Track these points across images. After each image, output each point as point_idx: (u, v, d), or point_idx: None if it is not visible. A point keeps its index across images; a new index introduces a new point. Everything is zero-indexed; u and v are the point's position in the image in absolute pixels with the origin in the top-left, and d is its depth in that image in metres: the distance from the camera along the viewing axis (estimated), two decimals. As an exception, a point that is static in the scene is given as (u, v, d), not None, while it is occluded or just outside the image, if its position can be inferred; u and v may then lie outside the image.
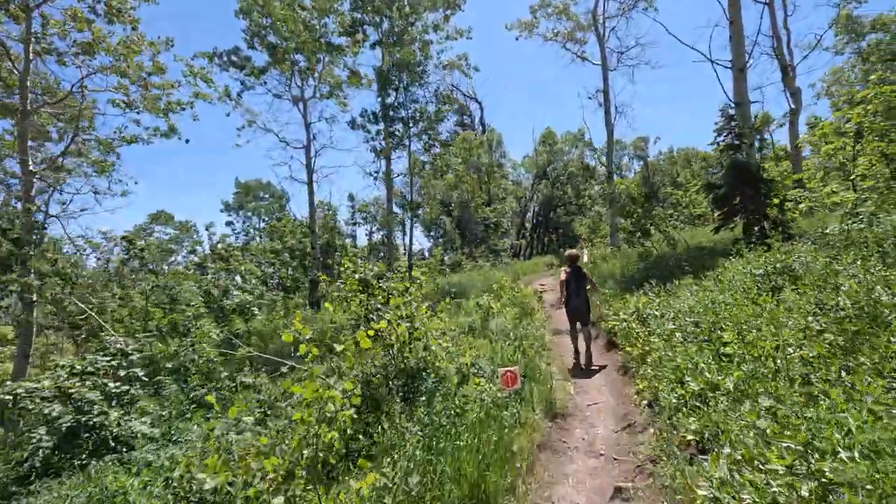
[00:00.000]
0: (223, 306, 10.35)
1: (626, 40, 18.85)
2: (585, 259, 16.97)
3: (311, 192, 18.58)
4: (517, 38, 20.54)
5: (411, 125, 13.54)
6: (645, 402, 5.35)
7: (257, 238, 42.41)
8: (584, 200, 32.75)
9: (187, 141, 13.73)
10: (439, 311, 7.01)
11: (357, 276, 5.24)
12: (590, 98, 18.83)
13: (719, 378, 4.28)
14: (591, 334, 7.37)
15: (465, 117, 47.29)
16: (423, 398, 4.70)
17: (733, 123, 10.00)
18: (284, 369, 5.83)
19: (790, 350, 3.97)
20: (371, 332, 3.31)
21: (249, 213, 46.92)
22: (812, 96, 24.61)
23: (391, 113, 13.50)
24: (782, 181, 10.18)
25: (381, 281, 5.44)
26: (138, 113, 12.94)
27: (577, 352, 7.37)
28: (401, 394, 4.94)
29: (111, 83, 12.38)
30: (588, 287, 7.36)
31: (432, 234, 43.19)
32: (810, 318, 4.64)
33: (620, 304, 8.40)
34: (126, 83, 12.37)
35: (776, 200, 9.67)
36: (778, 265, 6.81)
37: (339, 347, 3.08)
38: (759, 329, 4.83)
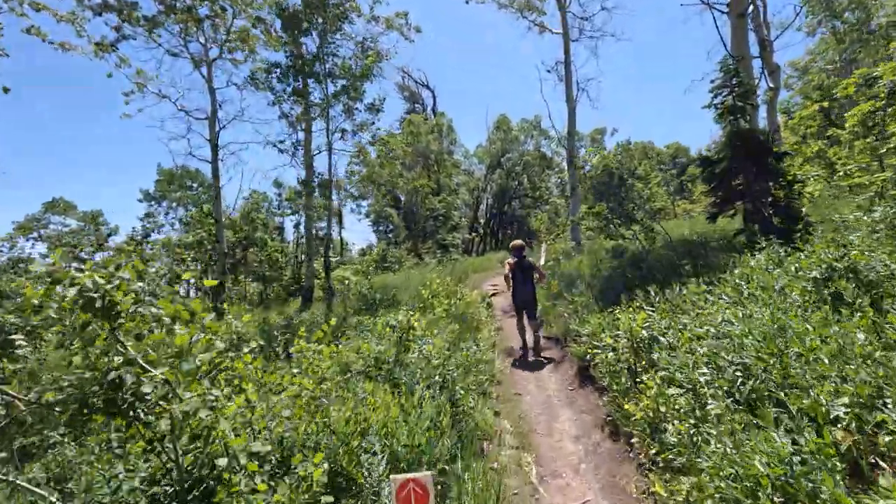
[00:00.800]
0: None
1: (591, 6, 16.64)
2: (542, 261, 14.57)
3: (215, 172, 15.11)
4: (467, 2, 17.92)
5: (328, 82, 10.50)
6: (675, 528, 2.85)
7: (183, 232, 37.69)
8: (542, 192, 30.71)
9: (6, 90, 10.07)
10: (316, 341, 4.23)
11: (73, 288, 2.33)
12: (549, 71, 16.48)
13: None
14: (540, 325, 7.30)
15: (416, 106, 44.49)
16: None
17: (734, 80, 7.77)
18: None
19: None
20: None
21: (174, 204, 41.84)
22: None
23: (304, 68, 10.39)
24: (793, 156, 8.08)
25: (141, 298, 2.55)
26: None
27: (524, 345, 7.13)
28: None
29: None
30: (536, 277, 7.19)
31: (381, 228, 40.21)
32: None
33: (599, 320, 5.91)
34: None
35: (788, 178, 7.56)
36: (836, 265, 4.51)
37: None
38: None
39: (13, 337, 5.59)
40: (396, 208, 33.85)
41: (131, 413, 2.57)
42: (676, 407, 3.42)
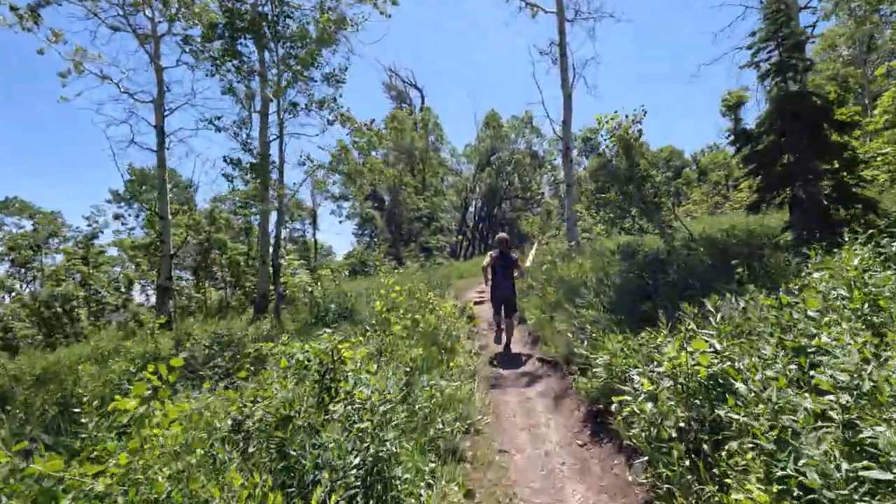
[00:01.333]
0: None
1: (587, -16, 15.06)
2: (529, 263, 12.79)
3: (161, 161, 13.20)
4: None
5: (278, 47, 8.62)
6: None
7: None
8: (533, 193, 29.03)
9: None
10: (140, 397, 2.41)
11: None
12: (542, 53, 14.81)
13: None
14: (515, 323, 6.96)
15: (403, 105, 42.90)
16: None
17: (781, 33, 6.13)
18: None
19: None
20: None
21: (146, 205, 39.53)
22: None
23: (249, 28, 8.54)
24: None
25: None
26: None
27: (505, 344, 6.67)
28: None
29: None
30: (516, 275, 6.81)
31: (365, 231, 38.46)
32: None
33: (620, 345, 4.14)
34: None
35: (849, 156, 5.92)
36: None
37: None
38: None
39: None
40: (380, 210, 32.06)
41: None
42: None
